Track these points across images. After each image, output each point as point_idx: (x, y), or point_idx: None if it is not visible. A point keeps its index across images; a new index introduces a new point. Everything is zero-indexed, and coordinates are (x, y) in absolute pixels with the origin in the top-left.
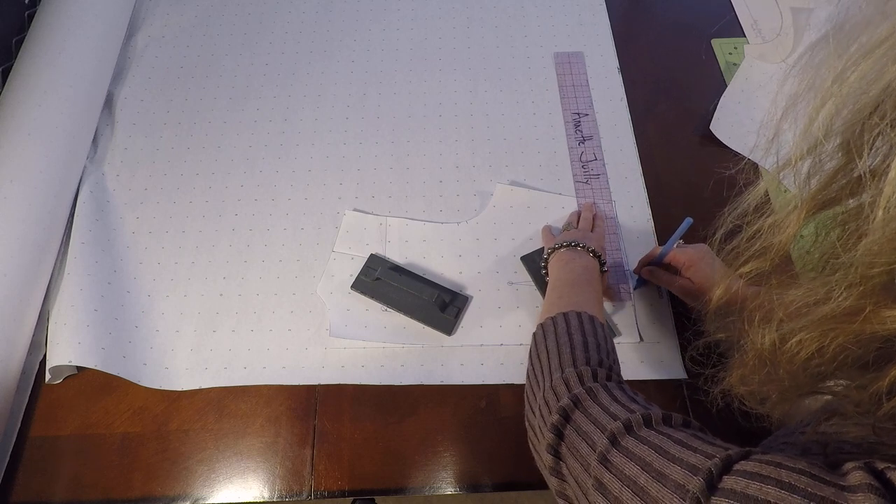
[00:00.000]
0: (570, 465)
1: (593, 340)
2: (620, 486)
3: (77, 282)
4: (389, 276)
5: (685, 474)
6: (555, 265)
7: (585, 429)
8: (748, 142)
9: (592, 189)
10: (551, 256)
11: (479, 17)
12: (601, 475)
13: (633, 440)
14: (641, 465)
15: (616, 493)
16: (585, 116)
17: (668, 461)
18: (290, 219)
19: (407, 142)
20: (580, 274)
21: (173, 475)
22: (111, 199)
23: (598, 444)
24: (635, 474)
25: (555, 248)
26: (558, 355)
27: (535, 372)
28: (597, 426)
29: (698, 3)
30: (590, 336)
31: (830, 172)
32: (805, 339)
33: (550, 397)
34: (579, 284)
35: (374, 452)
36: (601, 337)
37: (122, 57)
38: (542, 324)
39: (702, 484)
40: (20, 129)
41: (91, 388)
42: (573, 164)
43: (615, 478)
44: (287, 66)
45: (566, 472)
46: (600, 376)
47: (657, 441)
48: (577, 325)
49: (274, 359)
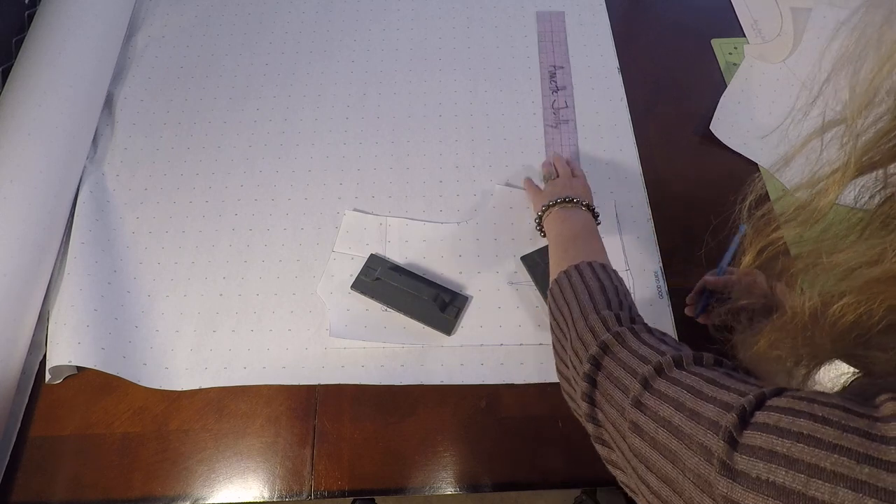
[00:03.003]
0: (606, 411)
1: (610, 285)
2: (655, 427)
3: (77, 282)
4: (389, 276)
5: (719, 412)
6: (552, 223)
7: (617, 374)
8: (748, 142)
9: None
10: (546, 215)
11: (479, 17)
12: (636, 418)
13: (665, 382)
14: (675, 405)
15: (652, 434)
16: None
17: (701, 400)
18: (290, 219)
19: (407, 142)
20: (580, 229)
21: (173, 475)
22: (111, 199)
23: (630, 389)
24: (669, 415)
25: (549, 205)
26: (578, 305)
27: (560, 325)
28: (628, 371)
29: (698, 3)
30: (605, 282)
31: (879, 134)
32: (850, 303)
33: (579, 347)
34: (582, 238)
35: (374, 452)
36: (616, 281)
37: (122, 57)
38: (556, 279)
39: (735, 419)
40: (20, 129)
41: (91, 388)
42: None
43: (650, 420)
44: (287, 66)
45: (602, 418)
46: (624, 319)
47: (689, 381)
48: (591, 273)
49: (274, 359)
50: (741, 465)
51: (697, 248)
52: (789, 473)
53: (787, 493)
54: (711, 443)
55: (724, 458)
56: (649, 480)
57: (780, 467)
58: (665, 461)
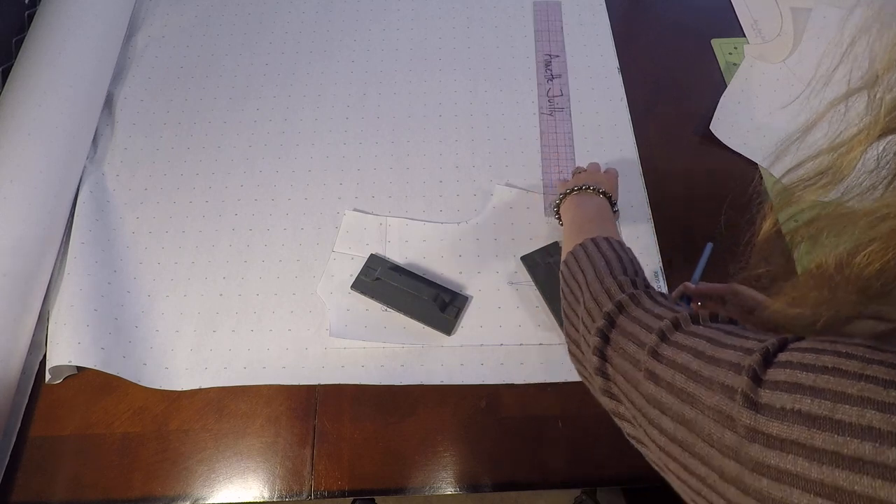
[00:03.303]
0: (617, 364)
1: (626, 256)
2: (673, 373)
3: (77, 282)
4: (389, 276)
5: (740, 355)
6: (567, 209)
7: (631, 330)
8: (748, 141)
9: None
10: (563, 201)
11: (479, 17)
12: (652, 367)
13: (683, 335)
14: (694, 353)
15: (668, 380)
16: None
17: (720, 347)
18: (290, 219)
19: (407, 142)
20: (595, 212)
21: (173, 475)
22: (111, 199)
23: (646, 342)
24: (688, 361)
25: (566, 192)
26: (594, 270)
27: (573, 290)
28: (643, 327)
29: (698, 3)
30: (621, 253)
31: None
32: (877, 250)
33: (593, 306)
34: (596, 220)
35: (374, 452)
36: (631, 255)
37: (122, 57)
38: (572, 251)
39: (758, 358)
40: (20, 129)
41: (91, 388)
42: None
43: (667, 367)
44: (287, 66)
45: (612, 372)
46: (639, 284)
47: (708, 333)
48: (607, 245)
49: (274, 359)
50: (765, 398)
51: (698, 247)
52: (815, 401)
53: (813, 418)
54: (734, 381)
55: (748, 393)
56: (663, 424)
57: (805, 396)
58: (682, 404)
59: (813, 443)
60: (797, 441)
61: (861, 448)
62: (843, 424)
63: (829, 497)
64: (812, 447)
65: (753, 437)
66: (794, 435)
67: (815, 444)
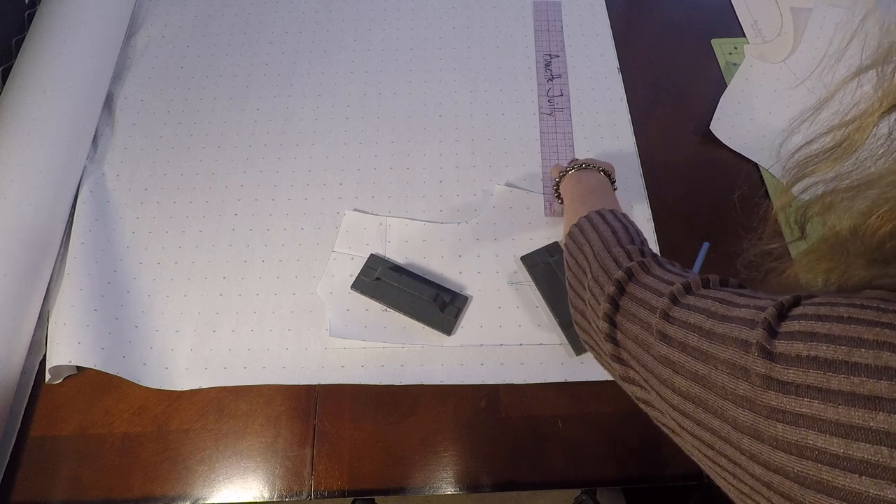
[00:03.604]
0: (627, 329)
1: (632, 227)
2: (685, 333)
3: (77, 282)
4: (389, 276)
5: (753, 312)
6: (567, 185)
7: (642, 296)
8: (748, 142)
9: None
10: (562, 181)
11: (479, 17)
12: (664, 328)
13: (695, 297)
14: (706, 314)
15: (681, 339)
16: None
17: (733, 307)
18: (290, 219)
19: (407, 142)
20: (595, 186)
21: (173, 475)
22: (111, 199)
23: (657, 306)
24: (700, 321)
25: (566, 171)
26: (600, 240)
27: (578, 262)
28: (653, 292)
29: (698, 3)
30: (626, 223)
31: None
32: (889, 212)
33: (601, 275)
34: (596, 193)
35: (374, 452)
36: (635, 227)
37: (122, 57)
38: (576, 223)
39: (773, 312)
40: (20, 129)
41: (91, 388)
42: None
43: (679, 328)
44: (287, 66)
45: (621, 337)
46: (647, 253)
47: (720, 295)
48: (613, 217)
49: (274, 359)
50: (780, 348)
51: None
52: (831, 347)
53: (829, 363)
54: (748, 335)
55: (763, 343)
56: (675, 382)
57: (821, 343)
58: (695, 361)
59: (829, 385)
60: (812, 385)
61: (877, 387)
62: (860, 366)
63: (844, 435)
64: (828, 389)
65: (768, 384)
66: (809, 380)
67: (830, 387)
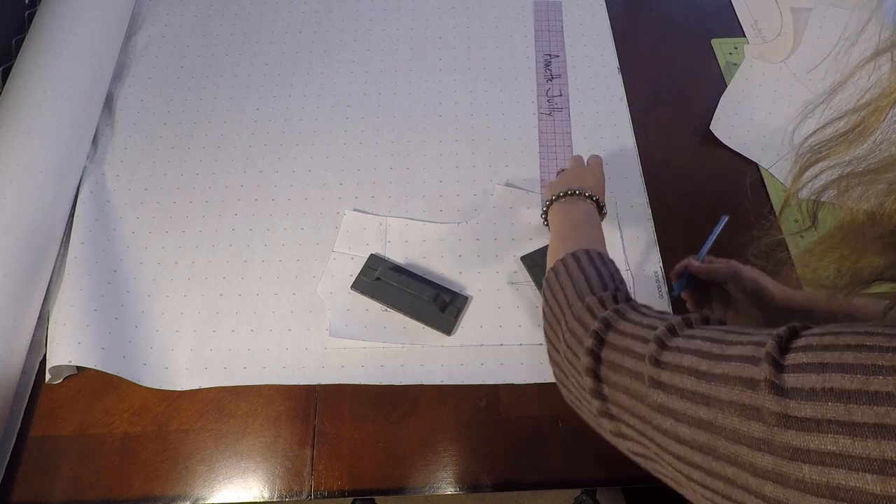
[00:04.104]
0: (614, 382)
1: (605, 271)
2: (681, 377)
3: (77, 282)
4: (389, 276)
5: (752, 348)
6: (554, 216)
7: (624, 345)
8: (748, 142)
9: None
10: (550, 209)
11: (479, 17)
12: (657, 375)
13: (682, 339)
14: (699, 355)
15: (678, 385)
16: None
17: (726, 345)
18: (290, 219)
19: (407, 142)
20: (580, 219)
21: (173, 475)
22: (111, 199)
23: (644, 353)
24: (694, 363)
25: (552, 199)
26: (574, 289)
27: (553, 310)
28: (636, 339)
29: (698, 3)
30: (601, 268)
31: None
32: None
33: (576, 326)
34: (581, 228)
35: (374, 452)
36: (612, 268)
37: (122, 57)
38: (553, 267)
39: (774, 345)
40: (20, 129)
41: (91, 388)
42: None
43: (673, 373)
44: (287, 66)
45: (608, 391)
46: (620, 298)
47: (707, 334)
48: (588, 260)
49: (274, 359)
50: (791, 381)
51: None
52: (846, 377)
53: (847, 393)
54: (752, 373)
55: (772, 379)
56: (679, 432)
57: (834, 374)
58: (697, 406)
59: (852, 418)
60: (834, 419)
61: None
62: (881, 395)
63: (879, 471)
64: (852, 423)
65: (786, 423)
66: (829, 414)
67: (854, 420)
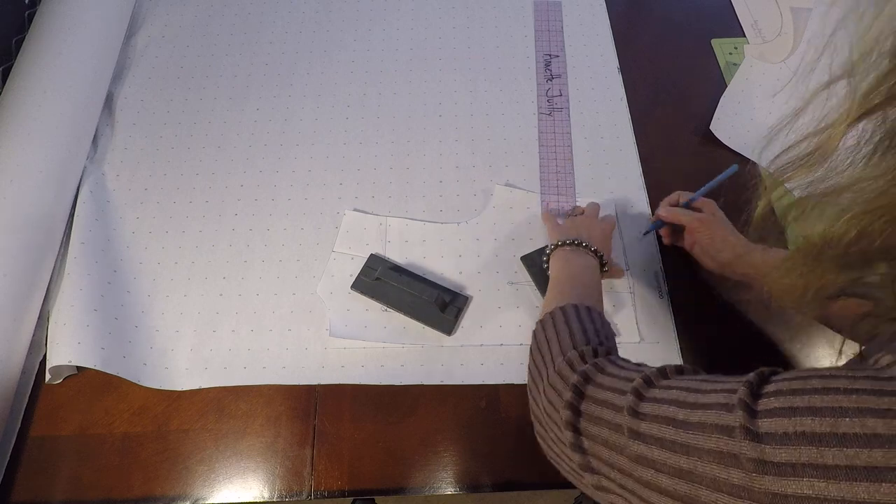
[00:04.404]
0: (594, 435)
1: (591, 327)
2: (659, 427)
3: (77, 282)
4: (389, 276)
5: (725, 395)
6: (556, 262)
7: (603, 397)
8: (748, 142)
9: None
10: (553, 253)
11: (479, 17)
12: (636, 426)
13: (658, 390)
14: (676, 404)
15: (657, 435)
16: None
17: (701, 394)
18: (290, 219)
19: (407, 142)
20: (579, 272)
21: (173, 475)
22: (111, 199)
23: (622, 404)
24: (672, 413)
25: (557, 244)
26: (558, 343)
27: (537, 364)
28: (614, 391)
29: (698, 3)
30: (587, 324)
31: (878, 78)
32: (855, 216)
33: (556, 380)
34: (579, 280)
35: (374, 452)
36: (598, 324)
37: (122, 57)
38: (541, 320)
39: (746, 391)
40: (20, 129)
41: (91, 388)
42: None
43: (651, 423)
44: (287, 66)
45: (588, 445)
46: (601, 353)
47: (684, 384)
48: (575, 315)
49: (274, 359)
50: (765, 427)
51: None
52: (816, 420)
53: (819, 436)
54: (727, 420)
55: (747, 425)
56: (660, 482)
57: (805, 417)
58: (677, 456)
59: (824, 461)
60: (808, 463)
61: (872, 456)
62: (849, 437)
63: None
64: (825, 465)
65: (763, 468)
66: (803, 457)
67: (826, 462)
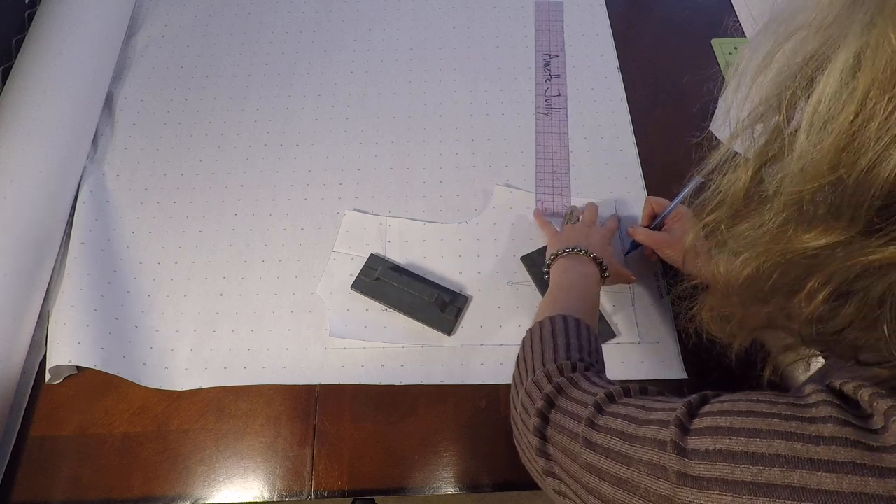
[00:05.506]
0: (557, 442)
1: (576, 342)
2: (609, 438)
3: (77, 282)
4: (389, 276)
5: (667, 413)
6: (555, 271)
7: (570, 409)
8: None
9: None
10: (554, 262)
11: (479, 17)
12: (589, 436)
13: (617, 405)
14: (628, 419)
15: (605, 445)
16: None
17: (651, 411)
18: (290, 219)
19: (407, 142)
20: (577, 281)
21: (173, 475)
22: (111, 199)
23: (583, 416)
24: (622, 426)
25: (557, 253)
26: (542, 354)
27: (520, 371)
28: (580, 404)
29: (698, 3)
30: (573, 338)
31: (771, 130)
32: (746, 259)
33: (532, 389)
34: (575, 289)
35: (374, 452)
36: (584, 339)
37: (122, 57)
38: (530, 329)
39: (683, 410)
40: (20, 129)
41: (91, 388)
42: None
43: (603, 434)
44: (287, 66)
45: (552, 451)
46: (580, 368)
47: (640, 402)
48: (563, 327)
49: (274, 359)
50: (691, 444)
51: None
52: (732, 439)
53: (731, 454)
54: (662, 435)
55: (677, 441)
56: (602, 490)
57: (724, 437)
58: (619, 465)
59: (733, 477)
60: (720, 478)
61: (771, 474)
62: (756, 456)
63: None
64: (732, 481)
65: (683, 481)
66: (716, 473)
67: (734, 478)
